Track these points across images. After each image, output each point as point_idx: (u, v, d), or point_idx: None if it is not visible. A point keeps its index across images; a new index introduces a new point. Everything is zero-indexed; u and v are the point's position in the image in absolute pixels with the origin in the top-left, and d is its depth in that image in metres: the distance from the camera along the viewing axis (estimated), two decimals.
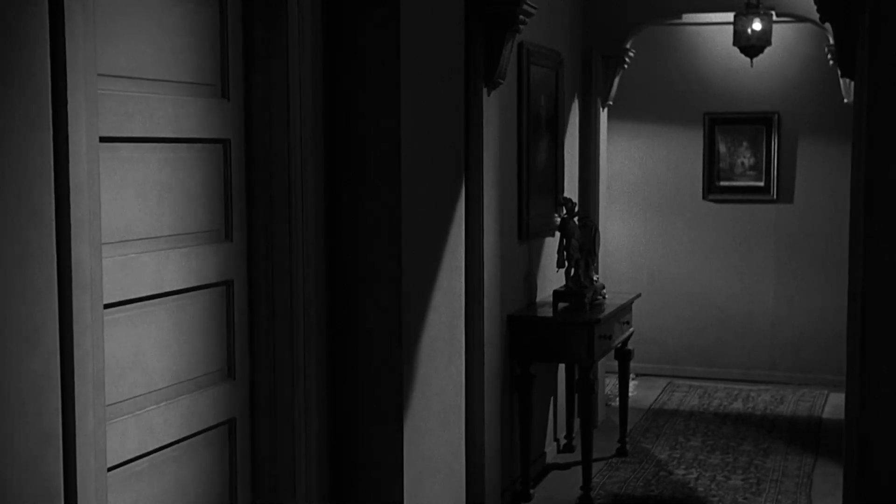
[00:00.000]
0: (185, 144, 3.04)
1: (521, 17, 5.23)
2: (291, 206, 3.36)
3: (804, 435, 7.42)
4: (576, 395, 6.78)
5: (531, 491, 6.03)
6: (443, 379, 3.98)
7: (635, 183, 9.24)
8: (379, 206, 3.57)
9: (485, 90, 5.19)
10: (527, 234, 6.19)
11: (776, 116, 8.87)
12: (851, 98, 5.65)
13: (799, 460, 6.79)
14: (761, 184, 8.98)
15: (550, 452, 6.74)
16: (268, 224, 3.35)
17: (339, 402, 3.64)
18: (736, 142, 9.03)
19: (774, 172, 8.93)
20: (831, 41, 5.69)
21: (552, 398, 6.80)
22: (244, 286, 3.32)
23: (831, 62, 6.42)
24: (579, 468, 6.07)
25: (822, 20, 5.34)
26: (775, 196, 8.96)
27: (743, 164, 9.03)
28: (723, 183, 9.09)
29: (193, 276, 3.08)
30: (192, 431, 3.10)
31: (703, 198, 9.13)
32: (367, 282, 3.60)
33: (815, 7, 5.03)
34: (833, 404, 8.05)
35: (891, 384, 4.60)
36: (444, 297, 3.95)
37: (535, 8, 5.38)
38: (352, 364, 3.63)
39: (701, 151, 9.10)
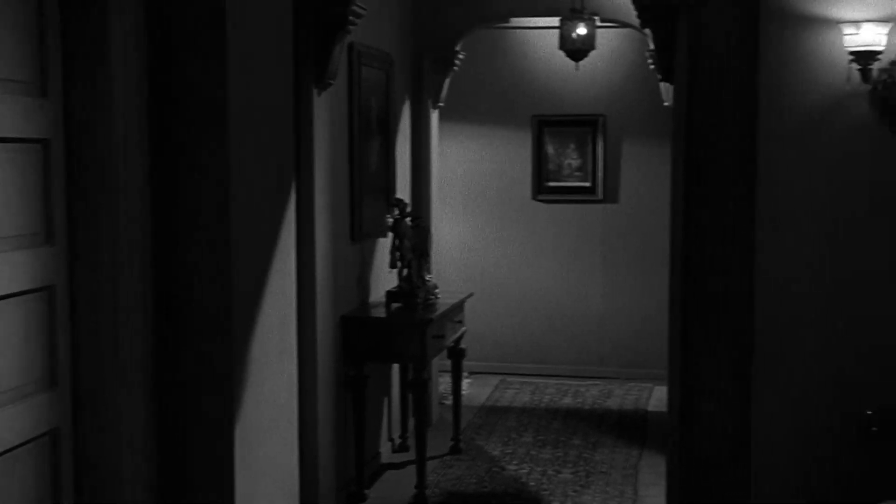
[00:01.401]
0: None
1: (350, 17, 5.23)
2: (116, 208, 3.27)
3: (631, 428, 7.66)
4: (410, 395, 6.81)
5: (366, 491, 6.04)
6: (275, 381, 3.95)
7: (467, 184, 9.36)
8: (207, 209, 3.52)
9: (315, 91, 5.17)
10: (359, 234, 6.19)
11: (602, 119, 9.13)
12: (671, 101, 5.86)
13: (626, 452, 7.00)
14: (588, 184, 9.22)
15: (385, 452, 6.76)
16: (91, 227, 3.25)
17: (167, 409, 3.56)
18: (563, 143, 9.25)
19: (600, 173, 9.19)
20: (652, 46, 5.89)
21: (386, 398, 6.82)
22: (66, 291, 3.21)
23: (652, 67, 6.64)
24: (414, 467, 6.11)
25: (643, 26, 5.53)
26: (601, 196, 9.21)
27: (570, 165, 9.26)
28: (551, 184, 9.29)
29: (11, 282, 2.97)
30: (13, 444, 2.98)
31: (533, 198, 9.32)
32: (196, 285, 3.54)
33: (635, 13, 5.20)
34: (658, 397, 8.33)
35: (710, 378, 4.79)
36: (275, 298, 3.92)
37: (364, 9, 5.38)
38: (181, 369, 3.56)
39: (530, 153, 9.29)
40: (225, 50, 3.47)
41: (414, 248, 6.34)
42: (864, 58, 4.57)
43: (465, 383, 8.15)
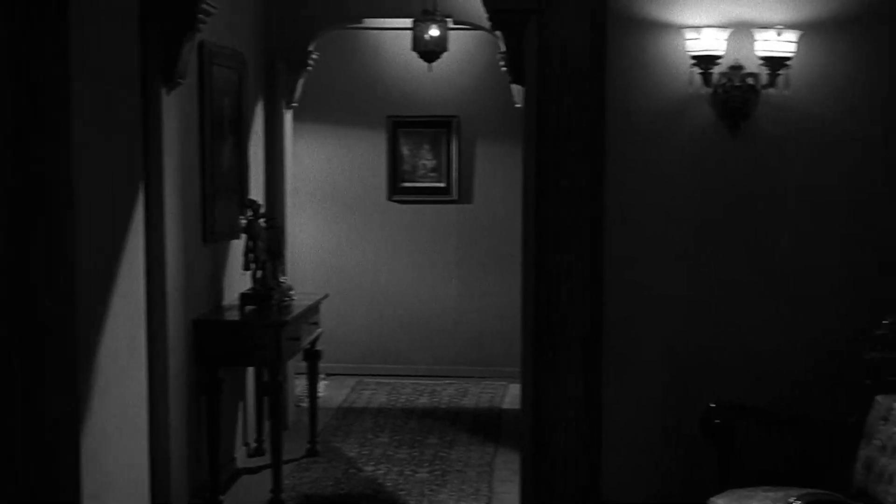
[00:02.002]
0: None
1: (200, 16, 5.15)
2: None
3: (486, 426, 7.74)
4: (265, 398, 6.74)
5: (220, 497, 5.94)
6: (123, 388, 3.87)
7: (322, 184, 9.32)
8: (51, 211, 3.42)
9: (164, 90, 5.06)
10: (212, 236, 6.09)
11: (456, 120, 9.20)
12: (523, 103, 5.94)
13: (481, 450, 7.08)
14: (443, 185, 9.29)
15: (240, 457, 6.67)
16: None
17: (8, 418, 3.44)
18: (418, 144, 9.29)
19: (455, 174, 9.26)
20: (503, 49, 5.98)
21: (241, 402, 6.73)
22: None
23: (504, 69, 6.73)
24: (270, 471, 6.04)
25: (494, 29, 5.60)
26: (456, 197, 9.29)
27: (425, 165, 9.31)
28: (406, 184, 9.33)
29: None
30: None
31: (388, 199, 9.34)
32: (39, 288, 3.44)
33: (487, 16, 5.26)
34: (512, 395, 8.44)
35: (562, 376, 4.89)
36: (123, 304, 3.84)
37: (215, 7, 5.30)
38: (25, 377, 3.45)
39: (384, 153, 9.30)
40: (67, 48, 3.38)
41: (268, 250, 6.28)
42: (706, 62, 4.74)
43: (322, 385, 8.11)
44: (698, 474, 4.74)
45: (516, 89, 7.09)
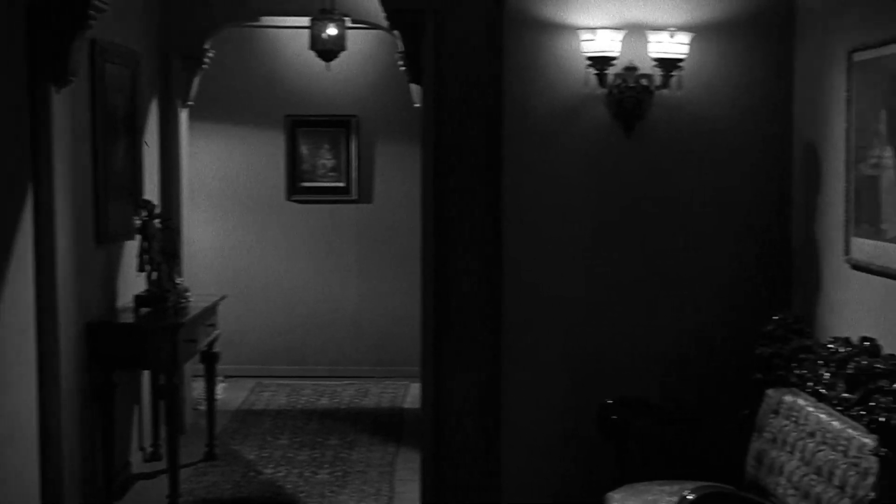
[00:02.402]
0: None
1: (91, 12, 5.02)
2: None
3: (387, 426, 7.73)
4: (161, 402, 6.62)
5: (115, 503, 5.82)
6: (11, 395, 3.76)
7: (219, 184, 9.19)
8: None
9: (53, 89, 4.93)
10: (105, 237, 5.95)
11: (355, 119, 9.17)
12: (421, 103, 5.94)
13: (382, 450, 7.06)
14: (342, 184, 9.25)
15: (136, 462, 6.54)
16: None
17: None
18: (317, 144, 9.24)
19: (354, 174, 9.23)
20: (402, 48, 5.96)
21: (136, 406, 6.60)
22: None
23: (402, 68, 6.72)
24: (166, 476, 5.93)
25: (392, 28, 5.59)
26: (356, 196, 9.26)
27: (324, 165, 9.26)
28: (305, 184, 9.26)
29: None
30: None
31: (287, 199, 9.26)
32: None
33: (385, 15, 5.25)
34: (414, 394, 8.44)
35: (462, 375, 4.90)
36: (10, 309, 3.73)
37: (106, 4, 5.18)
38: None
39: (283, 153, 9.23)
40: None
41: (163, 251, 6.17)
42: (601, 63, 4.79)
43: (220, 388, 8.00)
44: (597, 471, 4.79)
45: (415, 89, 7.09)
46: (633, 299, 5.00)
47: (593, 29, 4.77)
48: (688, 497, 3.43)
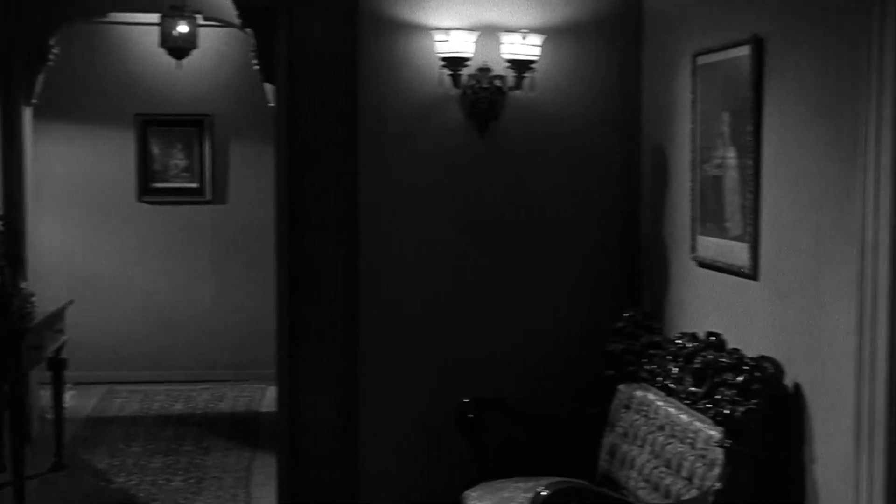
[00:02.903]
0: None
1: None
2: None
3: (244, 430, 7.61)
4: (5, 411, 6.36)
5: None
6: None
7: (67, 185, 8.91)
8: None
9: None
10: None
11: (208, 119, 9.01)
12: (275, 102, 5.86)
13: (239, 455, 6.95)
14: (196, 185, 9.08)
15: None
16: None
17: None
18: (169, 143, 9.04)
19: (208, 174, 9.07)
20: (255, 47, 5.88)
21: None
22: None
23: (256, 67, 6.63)
24: (11, 488, 5.71)
25: (244, 26, 5.51)
26: (210, 197, 9.10)
27: (177, 165, 9.07)
28: (157, 185, 9.05)
29: None
30: None
31: (138, 200, 9.04)
32: None
33: (236, 13, 5.16)
34: (271, 398, 8.32)
35: (317, 377, 4.86)
36: None
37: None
38: None
39: (133, 153, 9.00)
40: None
41: (6, 255, 5.93)
42: (454, 64, 4.81)
43: (68, 395, 7.74)
44: (455, 471, 4.81)
45: (269, 88, 7.00)
46: (489, 299, 5.04)
47: (447, 30, 4.79)
48: (542, 493, 3.47)
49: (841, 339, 3.28)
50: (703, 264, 4.36)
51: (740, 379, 3.55)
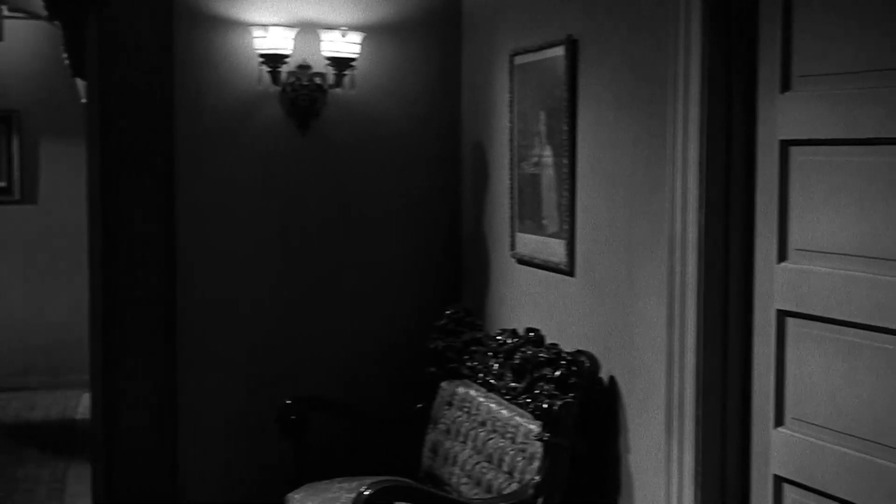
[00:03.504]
0: None
1: None
2: None
3: (57, 439, 7.34)
4: None
5: None
6: None
7: None
8: None
9: None
10: None
11: (16, 115, 8.64)
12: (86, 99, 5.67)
13: (53, 465, 6.70)
14: (3, 184, 8.70)
15: None
16: None
17: None
18: None
19: (17, 173, 8.70)
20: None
21: None
22: None
23: (66, 62, 6.39)
24: None
25: (51, 18, 5.29)
26: (19, 197, 8.73)
27: None
28: None
29: None
30: None
31: None
32: None
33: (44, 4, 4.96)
34: (86, 404, 8.05)
35: (133, 381, 4.71)
36: None
37: None
38: None
39: None
40: None
41: None
42: (274, 60, 4.74)
43: None
44: (281, 472, 4.74)
45: (81, 83, 6.76)
46: (312, 298, 4.99)
47: (265, 26, 4.72)
48: (364, 493, 3.45)
49: (653, 332, 3.38)
50: (523, 261, 4.43)
51: (558, 373, 3.62)
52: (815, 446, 2.85)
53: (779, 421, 3.01)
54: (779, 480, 3.02)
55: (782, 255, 2.99)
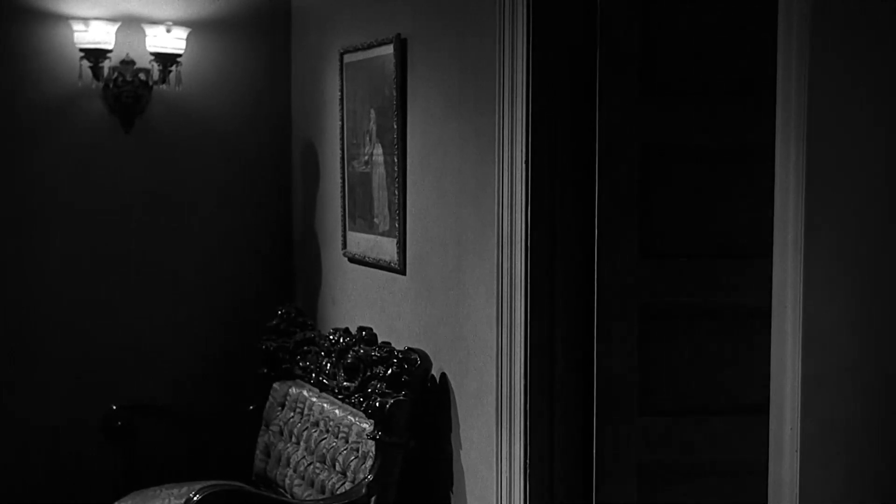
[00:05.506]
0: None
1: None
2: None
3: None
4: None
5: None
6: None
7: None
8: None
9: None
10: None
11: None
12: None
13: None
14: None
15: None
16: None
17: None
18: None
19: None
20: None
21: None
22: None
23: None
24: None
25: None
26: None
27: None
28: None
29: None
30: None
31: None
32: None
33: None
34: None
35: None
36: None
37: None
38: None
39: None
40: None
41: None
42: (95, 55, 4.59)
43: None
44: (107, 480, 4.60)
45: None
46: (138, 301, 4.86)
47: (86, 19, 4.56)
48: (194, 498, 3.37)
49: (482, 329, 3.41)
50: (354, 260, 4.41)
51: (390, 372, 3.62)
52: None
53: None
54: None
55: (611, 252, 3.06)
